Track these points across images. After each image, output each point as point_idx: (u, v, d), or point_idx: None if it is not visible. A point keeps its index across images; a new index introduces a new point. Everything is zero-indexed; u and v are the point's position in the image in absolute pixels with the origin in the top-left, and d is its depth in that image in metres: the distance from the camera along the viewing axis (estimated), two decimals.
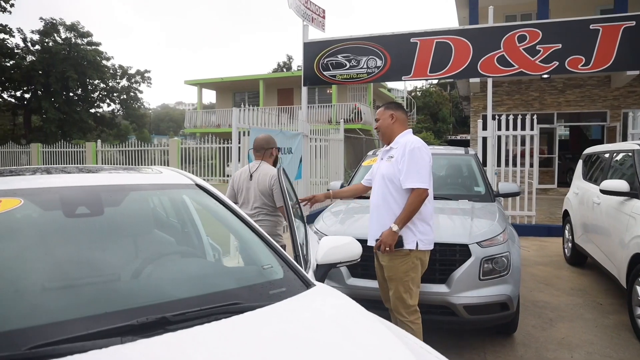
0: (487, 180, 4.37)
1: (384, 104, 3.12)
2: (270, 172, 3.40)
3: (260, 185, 3.40)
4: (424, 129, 28.07)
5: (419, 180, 2.75)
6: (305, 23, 9.08)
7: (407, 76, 8.23)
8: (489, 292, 3.16)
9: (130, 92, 29.92)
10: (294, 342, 1.33)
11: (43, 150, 15.73)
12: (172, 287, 1.63)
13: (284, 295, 1.67)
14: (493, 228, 3.38)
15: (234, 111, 6.22)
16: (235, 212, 2.10)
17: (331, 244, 2.06)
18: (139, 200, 2.05)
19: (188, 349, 1.24)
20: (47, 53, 24.30)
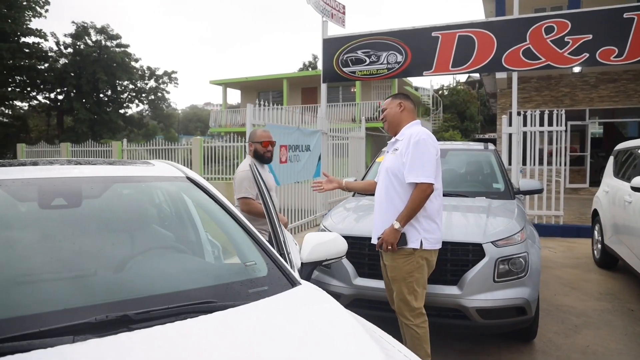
0: (507, 177, 4.14)
1: (392, 95, 2.97)
2: (240, 168, 3.43)
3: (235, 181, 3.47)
4: (450, 128, 27.50)
5: (423, 174, 2.58)
6: (324, 19, 8.96)
7: (429, 71, 7.99)
8: (504, 295, 2.96)
9: (158, 92, 30.49)
10: (256, 344, 1.22)
11: (72, 150, 16.15)
12: (144, 284, 1.53)
13: (264, 294, 1.56)
14: (510, 227, 3.16)
15: (248, 108, 6.15)
16: (224, 206, 2.00)
17: (316, 241, 1.95)
18: (122, 193, 1.96)
19: (138, 351, 1.13)
20: (79, 55, 25.01)
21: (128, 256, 1.63)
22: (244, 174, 3.35)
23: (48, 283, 1.42)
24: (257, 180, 1.92)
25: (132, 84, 28.78)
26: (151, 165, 2.34)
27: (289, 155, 7.28)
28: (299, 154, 7.70)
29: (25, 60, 23.36)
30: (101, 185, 1.92)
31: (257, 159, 3.50)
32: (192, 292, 1.50)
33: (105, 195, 1.89)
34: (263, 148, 3.47)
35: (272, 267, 1.74)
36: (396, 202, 2.68)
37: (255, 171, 2.02)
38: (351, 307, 3.26)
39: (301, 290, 1.63)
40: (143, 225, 1.80)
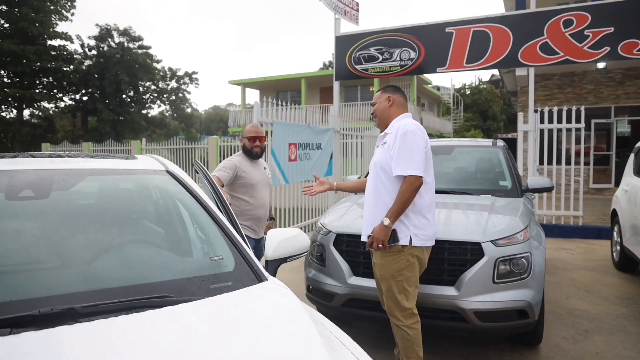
0: (515, 174, 3.97)
1: (381, 88, 2.86)
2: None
3: None
4: (472, 127, 27.02)
5: (410, 167, 2.47)
6: (336, 16, 8.87)
7: (442, 68, 7.81)
8: (504, 297, 2.82)
9: (179, 93, 30.94)
10: (191, 340, 1.16)
11: (94, 149, 16.49)
12: (100, 277, 1.48)
13: (225, 290, 1.50)
14: (512, 225, 3.02)
15: (255, 106, 6.11)
16: (200, 200, 1.95)
17: (279, 237, 1.89)
18: (94, 185, 1.93)
19: (66, 345, 1.08)
20: (102, 57, 25.60)
21: (89, 249, 1.59)
22: (227, 160, 3.41)
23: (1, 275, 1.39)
24: (209, 179, 1.88)
25: (153, 85, 29.30)
26: (133, 159, 2.31)
27: (299, 154, 7.22)
28: (309, 152, 7.63)
29: (51, 63, 24.06)
30: (73, 177, 1.89)
31: (246, 154, 3.46)
32: (149, 286, 1.45)
33: (76, 188, 1.86)
34: (250, 143, 3.42)
35: (240, 263, 1.68)
36: (385, 198, 2.58)
37: (203, 170, 2.00)
38: (346, 307, 3.19)
39: (264, 286, 1.56)
40: (111, 218, 1.75)
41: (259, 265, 1.72)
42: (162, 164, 2.23)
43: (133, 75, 26.11)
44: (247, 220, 3.37)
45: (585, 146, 13.28)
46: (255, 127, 3.49)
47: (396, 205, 2.48)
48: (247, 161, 3.44)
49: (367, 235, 2.67)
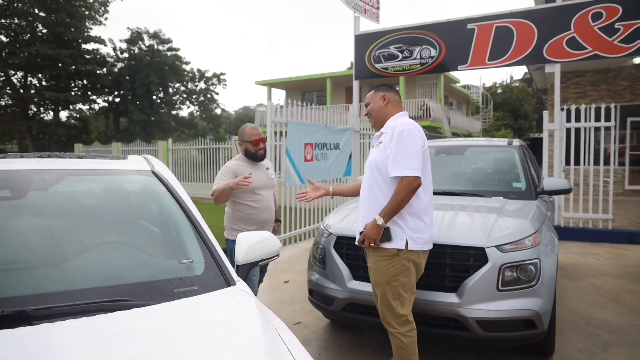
0: (529, 176, 3.77)
1: (374, 87, 2.76)
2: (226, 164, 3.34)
3: None
4: (502, 127, 26.28)
5: (408, 167, 2.36)
6: (356, 14, 8.76)
7: (464, 65, 7.58)
8: (509, 305, 2.66)
9: (207, 94, 31.42)
10: (127, 348, 1.11)
11: (122, 149, 16.94)
12: (62, 279, 1.46)
13: (188, 294, 1.45)
14: (520, 229, 2.85)
15: (268, 105, 6.08)
16: (180, 202, 1.91)
17: (250, 240, 1.82)
18: (74, 185, 1.92)
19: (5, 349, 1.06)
20: (133, 60, 26.27)
21: (56, 250, 1.57)
22: (224, 167, 3.30)
23: None
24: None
25: (182, 86, 29.86)
26: (123, 159, 2.30)
27: (315, 154, 7.16)
28: (326, 152, 7.56)
29: (85, 66, 24.86)
30: (53, 177, 1.88)
31: (250, 158, 3.34)
32: (110, 289, 1.42)
33: (54, 188, 1.85)
34: (254, 147, 3.30)
35: (210, 267, 1.63)
36: (379, 199, 2.47)
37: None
38: (346, 312, 3.10)
39: (227, 292, 1.51)
40: (84, 219, 1.73)
41: (230, 269, 1.67)
42: (149, 165, 2.20)
43: (163, 77, 26.68)
44: (252, 225, 3.26)
45: (620, 146, 12.67)
46: (257, 129, 3.37)
47: (391, 205, 2.37)
48: (247, 164, 3.33)
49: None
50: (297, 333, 3.67)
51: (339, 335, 3.61)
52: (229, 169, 3.28)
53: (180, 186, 2.09)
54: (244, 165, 3.33)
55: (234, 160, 3.37)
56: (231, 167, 3.29)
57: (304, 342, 3.51)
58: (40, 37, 24.02)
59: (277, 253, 1.97)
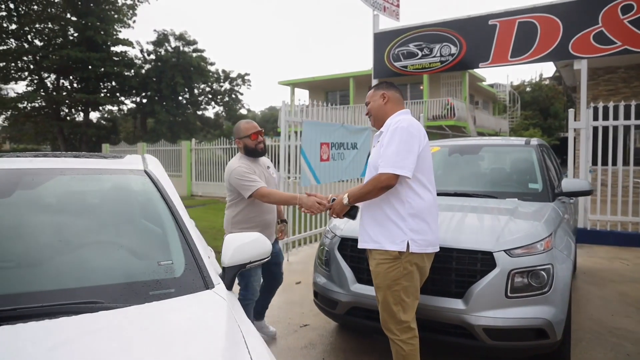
0: (547, 176, 3.59)
1: (374, 85, 2.67)
2: (231, 166, 3.08)
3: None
4: (531, 126, 25.56)
5: (388, 164, 2.27)
6: (375, 12, 8.63)
7: (485, 63, 7.36)
8: (519, 313, 2.52)
9: (232, 94, 31.73)
10: (78, 354, 1.07)
11: (148, 149, 17.27)
12: (37, 279, 1.43)
13: (163, 297, 1.42)
14: (532, 233, 2.70)
15: (282, 105, 6.04)
16: (168, 202, 1.88)
17: (238, 241, 1.76)
18: (62, 184, 1.90)
19: None
20: (160, 61, 26.76)
21: (36, 249, 1.55)
22: (240, 168, 3.01)
23: None
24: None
25: (208, 87, 30.25)
26: (117, 158, 2.29)
27: (332, 153, 7.08)
28: (343, 151, 7.47)
29: (114, 68, 25.48)
30: (42, 177, 1.87)
31: (250, 154, 3.14)
32: (81, 291, 1.39)
33: (42, 187, 1.84)
34: (253, 141, 3.10)
35: (190, 269, 1.58)
36: (378, 201, 2.38)
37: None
38: (349, 316, 3.01)
39: (201, 296, 1.47)
40: (67, 218, 1.71)
41: (211, 271, 1.61)
42: (143, 164, 2.18)
43: (188, 78, 27.07)
44: (254, 227, 3.08)
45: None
46: (252, 123, 3.18)
47: (359, 189, 2.40)
48: (249, 163, 3.12)
49: (362, 241, 2.49)
50: (303, 336, 3.61)
51: (345, 339, 3.52)
52: (249, 168, 3.03)
53: (172, 186, 2.06)
54: (249, 164, 3.11)
55: (238, 161, 3.12)
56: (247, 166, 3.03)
57: (309, 345, 3.45)
58: (72, 40, 24.76)
59: (267, 255, 1.90)
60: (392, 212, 2.33)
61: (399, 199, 2.32)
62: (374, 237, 2.40)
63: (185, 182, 16.07)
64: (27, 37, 24.68)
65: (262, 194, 2.93)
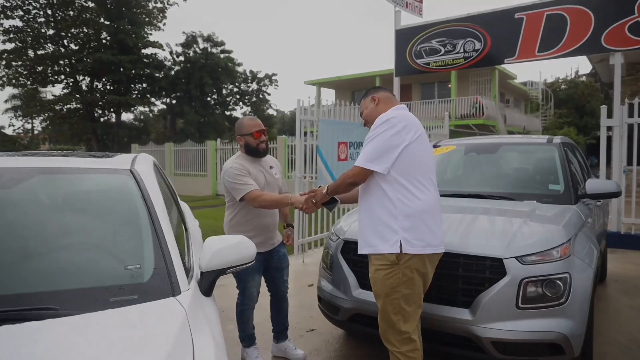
0: (570, 177, 3.34)
1: (364, 94, 2.56)
2: (225, 166, 2.91)
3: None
4: (565, 125, 24.58)
5: (362, 158, 2.21)
6: (397, 9, 8.41)
7: (511, 58, 7.05)
8: (531, 326, 2.32)
9: (259, 94, 31.96)
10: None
11: (174, 149, 17.55)
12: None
13: (124, 304, 1.35)
14: (548, 238, 2.49)
15: (297, 103, 5.94)
16: (148, 204, 1.80)
17: (218, 245, 1.66)
18: (41, 184, 1.85)
19: None
20: (188, 63, 27.21)
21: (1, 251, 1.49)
22: (232, 170, 2.83)
23: None
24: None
25: (235, 87, 30.57)
26: (105, 157, 2.23)
27: (350, 153, 6.92)
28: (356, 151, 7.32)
29: (145, 70, 26.10)
30: (21, 176, 1.83)
31: (251, 153, 2.94)
32: (37, 296, 1.32)
33: (18, 187, 1.79)
34: (255, 140, 2.89)
35: (158, 274, 1.49)
36: (372, 202, 2.24)
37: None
38: (352, 323, 2.87)
39: (164, 303, 1.38)
40: (38, 219, 1.65)
41: (180, 277, 1.52)
42: (130, 163, 2.11)
43: (216, 79, 27.44)
44: (251, 230, 2.88)
45: None
46: (256, 120, 2.98)
47: (336, 184, 2.40)
48: (248, 162, 2.92)
49: (360, 247, 2.34)
50: (309, 341, 3.49)
51: (352, 346, 3.38)
52: (244, 169, 2.85)
53: (157, 186, 1.98)
54: (247, 163, 2.90)
55: (237, 159, 2.94)
56: (240, 166, 2.85)
57: (313, 352, 3.33)
58: (104, 44, 25.49)
59: (250, 260, 1.80)
60: (384, 214, 2.19)
61: (391, 199, 2.17)
62: (368, 241, 2.25)
63: (211, 182, 16.23)
64: (63, 41, 25.56)
65: (252, 197, 2.76)
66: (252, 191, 2.77)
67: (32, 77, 26.04)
